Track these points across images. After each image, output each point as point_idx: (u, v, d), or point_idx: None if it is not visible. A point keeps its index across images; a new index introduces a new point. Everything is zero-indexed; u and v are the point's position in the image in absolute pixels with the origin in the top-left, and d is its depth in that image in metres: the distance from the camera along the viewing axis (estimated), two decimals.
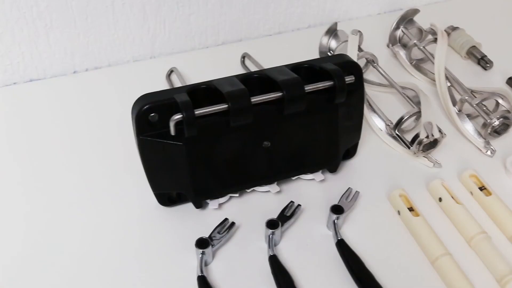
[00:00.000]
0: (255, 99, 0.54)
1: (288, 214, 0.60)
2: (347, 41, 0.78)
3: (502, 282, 0.53)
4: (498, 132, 0.69)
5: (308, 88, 0.56)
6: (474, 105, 0.70)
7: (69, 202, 0.63)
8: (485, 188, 0.63)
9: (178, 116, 0.52)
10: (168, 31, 0.85)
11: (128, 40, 0.83)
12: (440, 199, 0.62)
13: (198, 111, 0.53)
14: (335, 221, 0.58)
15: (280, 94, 0.55)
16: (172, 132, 0.53)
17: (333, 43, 0.81)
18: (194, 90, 0.57)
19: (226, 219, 0.59)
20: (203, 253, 0.55)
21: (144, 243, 0.59)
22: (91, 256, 0.57)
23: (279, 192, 0.63)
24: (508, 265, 0.54)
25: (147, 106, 0.53)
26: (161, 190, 0.60)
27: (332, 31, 0.81)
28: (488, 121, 0.68)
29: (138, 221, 0.61)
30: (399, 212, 0.61)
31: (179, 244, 0.58)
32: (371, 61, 0.78)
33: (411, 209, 0.60)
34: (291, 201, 0.61)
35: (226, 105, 0.53)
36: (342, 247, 0.56)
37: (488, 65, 0.83)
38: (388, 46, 0.87)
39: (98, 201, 0.63)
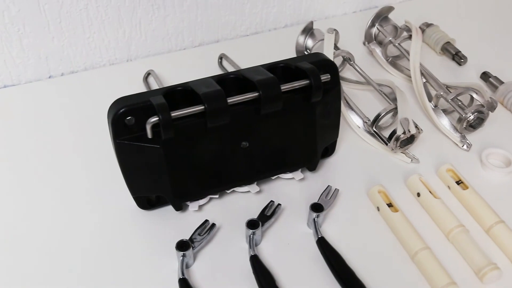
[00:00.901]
0: (231, 100, 0.54)
1: (268, 214, 0.60)
2: (323, 39, 0.79)
3: (480, 274, 0.54)
4: (473, 126, 0.70)
5: (284, 87, 0.56)
6: (449, 100, 0.71)
7: (47, 207, 0.62)
8: (462, 182, 0.64)
9: (154, 119, 0.52)
10: (144, 34, 0.84)
11: (104, 43, 0.82)
12: (418, 194, 0.63)
13: (174, 113, 0.52)
14: (315, 219, 0.58)
15: (257, 94, 0.55)
16: (149, 135, 0.53)
17: (309, 42, 0.82)
18: (171, 92, 0.56)
19: (206, 221, 0.59)
20: (184, 256, 0.54)
21: (124, 247, 0.58)
22: (69, 261, 0.57)
23: (259, 192, 0.63)
24: (485, 257, 0.55)
25: (123, 109, 0.53)
26: (140, 194, 0.60)
27: (308, 30, 0.82)
28: (463, 115, 0.69)
29: (117, 225, 0.60)
30: (378, 208, 0.62)
31: (159, 247, 0.58)
32: (348, 59, 0.78)
33: (390, 205, 0.61)
34: (271, 201, 0.61)
35: (203, 107, 0.53)
36: (323, 244, 0.57)
37: (462, 60, 0.84)
38: (364, 43, 0.88)
39: (76, 206, 0.62)
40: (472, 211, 0.61)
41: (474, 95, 0.71)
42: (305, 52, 0.82)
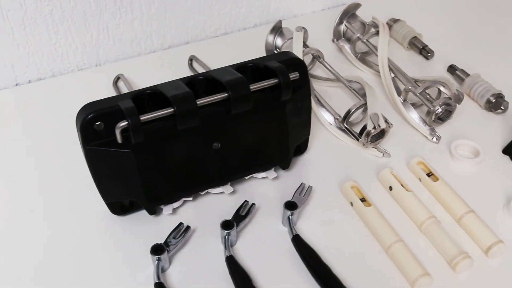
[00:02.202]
0: (201, 101, 0.54)
1: (243, 214, 0.60)
2: (292, 38, 0.79)
3: (453, 264, 0.55)
4: (441, 118, 0.71)
5: (253, 87, 0.56)
6: (418, 94, 0.72)
7: (18, 214, 0.61)
8: (432, 174, 0.65)
9: (123, 123, 0.51)
10: (112, 38, 0.84)
11: (71, 48, 0.81)
12: (390, 188, 0.64)
13: (143, 117, 0.52)
14: (290, 217, 0.59)
15: (226, 94, 0.55)
16: (119, 139, 0.52)
17: (278, 41, 0.82)
18: (140, 96, 0.56)
19: (181, 224, 0.58)
20: (159, 260, 0.54)
21: (98, 254, 0.57)
22: (41, 270, 0.56)
23: (233, 192, 0.63)
24: (457, 247, 0.56)
25: (91, 115, 0.52)
26: (112, 199, 0.59)
27: (277, 29, 0.82)
28: (432, 108, 0.70)
29: (90, 232, 0.60)
30: (351, 204, 0.62)
31: (134, 252, 0.57)
32: (317, 57, 0.79)
33: (363, 200, 0.61)
34: (245, 201, 0.61)
35: (172, 109, 0.53)
36: (298, 242, 0.57)
37: (429, 54, 0.86)
38: (333, 41, 0.88)
39: (47, 214, 0.62)
40: (443, 202, 0.62)
41: (442, 88, 0.72)
42: (275, 51, 0.83)
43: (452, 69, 0.82)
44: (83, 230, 0.60)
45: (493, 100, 0.74)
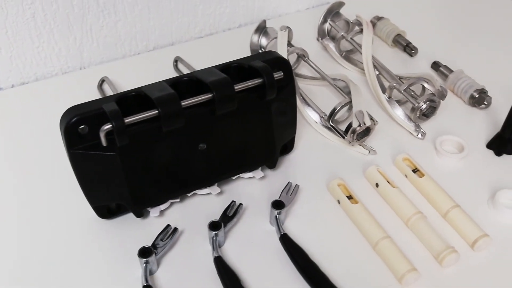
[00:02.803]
0: (185, 102, 0.54)
1: (230, 214, 0.60)
2: (277, 37, 0.79)
3: (439, 258, 0.56)
4: (426, 115, 0.72)
5: (238, 87, 0.56)
6: (402, 91, 0.72)
7: (5, 220, 0.61)
8: (418, 170, 0.65)
9: (107, 126, 0.51)
10: (96, 40, 0.83)
11: (55, 52, 0.81)
12: (377, 185, 0.64)
13: (128, 119, 0.52)
14: (277, 216, 0.59)
15: (210, 95, 0.55)
16: (103, 142, 0.52)
17: (263, 41, 0.82)
18: (124, 98, 0.55)
19: (168, 225, 0.58)
20: (146, 262, 0.54)
21: (86, 258, 0.57)
22: (29, 275, 0.55)
23: (220, 193, 0.63)
24: (443, 241, 0.57)
25: (75, 118, 0.52)
26: (99, 203, 0.59)
27: (261, 29, 0.82)
28: (416, 105, 0.71)
29: (77, 236, 0.59)
30: (339, 201, 0.62)
31: (122, 256, 0.57)
32: (302, 56, 0.79)
33: (350, 197, 0.62)
34: (233, 201, 0.61)
35: (156, 111, 0.53)
36: (286, 241, 0.57)
37: (413, 51, 0.86)
38: (317, 39, 0.88)
39: (34, 219, 0.61)
40: (429, 198, 0.63)
41: (426, 85, 0.72)
42: (260, 51, 0.83)
43: (435, 65, 0.83)
44: (70, 235, 0.59)
45: (477, 96, 0.75)
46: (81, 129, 0.52)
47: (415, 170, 0.65)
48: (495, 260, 0.57)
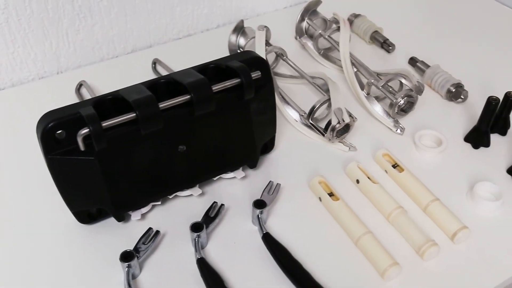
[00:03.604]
0: (163, 105, 0.54)
1: (212, 215, 0.60)
2: (255, 37, 0.79)
3: (420, 252, 0.56)
4: (404, 110, 0.73)
5: (216, 87, 0.56)
6: (380, 87, 0.73)
7: None
8: (398, 165, 0.66)
9: (85, 131, 0.51)
10: (73, 44, 0.82)
11: (30, 57, 0.80)
12: (357, 181, 0.64)
13: (105, 123, 0.52)
14: (259, 216, 0.59)
15: (188, 96, 0.55)
16: (81, 147, 0.52)
17: (241, 41, 0.82)
18: (101, 102, 0.55)
19: (150, 229, 0.58)
20: (129, 266, 0.54)
21: (67, 264, 0.57)
22: (8, 283, 0.55)
23: (202, 194, 0.63)
24: (424, 235, 0.57)
25: (51, 124, 0.51)
26: (79, 208, 0.58)
27: (239, 29, 0.82)
28: (394, 101, 0.71)
29: (57, 242, 0.59)
30: (320, 199, 0.63)
31: (104, 261, 0.57)
32: (280, 55, 0.79)
33: (331, 194, 0.62)
34: (214, 202, 0.61)
35: (134, 114, 0.52)
36: (268, 240, 0.57)
37: (390, 48, 0.87)
38: (296, 38, 0.89)
39: (13, 226, 0.60)
40: (409, 192, 0.64)
41: (403, 80, 0.73)
42: (238, 51, 0.83)
43: (413, 61, 0.84)
44: (50, 241, 0.59)
45: (453, 90, 0.76)
46: (58, 134, 0.52)
47: (395, 165, 0.66)
48: (474, 252, 0.58)
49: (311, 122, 0.70)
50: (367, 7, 0.96)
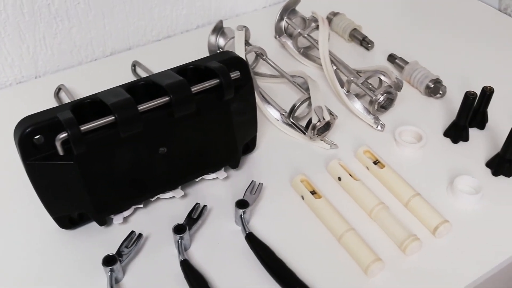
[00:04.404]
0: (142, 107, 0.53)
1: (195, 217, 0.60)
2: (234, 37, 0.79)
3: (403, 247, 0.57)
4: (384, 107, 0.73)
5: (195, 88, 0.56)
6: (360, 85, 0.73)
7: None
8: (379, 162, 0.66)
9: (63, 135, 0.50)
10: (50, 48, 0.81)
11: (7, 62, 0.79)
12: (339, 178, 0.65)
13: (84, 127, 0.51)
14: (242, 216, 0.59)
15: (167, 98, 0.54)
16: (60, 152, 0.51)
17: (221, 41, 0.82)
18: (80, 106, 0.55)
19: (132, 232, 0.58)
20: (111, 270, 0.53)
21: (49, 270, 0.56)
22: None
23: (184, 196, 0.63)
24: (406, 230, 0.58)
25: (29, 129, 0.51)
26: (59, 214, 0.58)
27: (218, 29, 0.82)
28: (374, 97, 0.72)
29: (39, 248, 0.58)
30: (302, 197, 0.63)
31: (86, 266, 0.56)
32: (260, 54, 0.79)
33: (313, 192, 0.62)
34: (197, 203, 0.61)
35: (113, 117, 0.52)
36: (252, 240, 0.57)
37: (369, 45, 0.88)
38: (275, 37, 0.89)
39: None
40: (390, 188, 0.64)
41: (382, 77, 0.74)
42: (218, 51, 0.83)
43: (391, 58, 0.84)
44: (31, 248, 0.58)
45: (432, 86, 0.77)
46: (36, 139, 0.51)
47: (376, 162, 0.66)
48: (455, 244, 0.59)
49: (292, 121, 0.70)
50: (345, 5, 0.96)
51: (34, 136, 0.51)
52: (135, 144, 0.56)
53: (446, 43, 0.90)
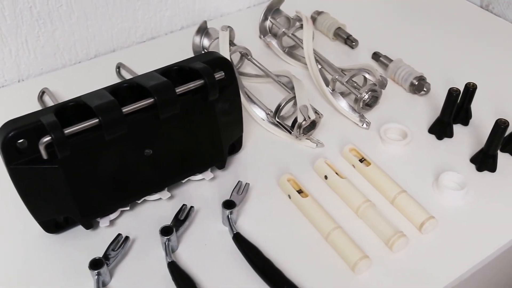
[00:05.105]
0: (126, 109, 0.53)
1: (182, 218, 0.59)
2: (218, 38, 0.79)
3: (389, 243, 0.57)
4: (369, 105, 0.73)
5: (179, 90, 0.56)
6: (344, 83, 0.74)
7: None
8: (365, 159, 0.67)
9: (46, 139, 0.50)
10: (33, 51, 0.81)
11: None
12: (326, 177, 0.65)
13: (68, 130, 0.51)
14: (229, 216, 0.59)
15: (152, 100, 0.54)
16: (44, 156, 0.51)
17: (205, 42, 0.82)
18: (63, 109, 0.54)
19: (119, 235, 0.57)
20: (98, 274, 0.53)
21: (35, 275, 0.55)
22: None
23: (171, 197, 0.63)
24: (392, 227, 0.58)
25: (12, 133, 0.50)
26: (45, 218, 0.57)
27: (203, 30, 0.82)
28: (359, 96, 0.72)
29: (25, 253, 0.57)
30: (289, 196, 0.63)
31: (73, 270, 0.56)
32: (245, 54, 0.79)
33: (300, 191, 0.62)
34: (184, 204, 0.61)
35: (97, 120, 0.52)
36: (239, 240, 0.57)
37: (354, 43, 0.88)
38: (260, 37, 0.89)
39: None
40: (376, 186, 0.64)
41: (367, 75, 0.74)
42: (203, 52, 0.82)
43: (376, 56, 0.85)
44: (16, 252, 0.58)
45: (416, 83, 0.77)
46: (20, 143, 0.51)
47: (362, 160, 0.67)
48: (441, 240, 0.59)
49: (277, 120, 0.70)
50: (329, 4, 0.97)
51: (17, 140, 0.51)
52: (120, 147, 0.56)
53: (430, 40, 0.91)
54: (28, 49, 0.80)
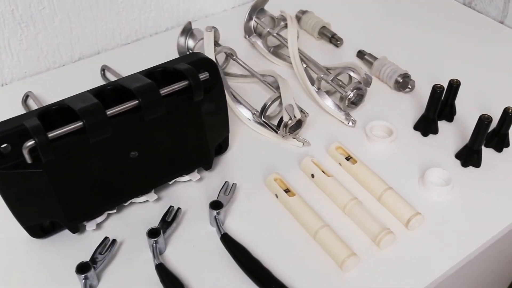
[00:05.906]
0: (111, 111, 0.53)
1: (169, 220, 0.59)
2: (203, 38, 0.79)
3: (377, 240, 0.57)
4: (355, 103, 0.74)
5: (164, 91, 0.56)
6: (330, 81, 0.74)
7: None
8: (351, 157, 0.67)
9: (30, 143, 0.49)
10: (16, 54, 0.80)
11: None
12: (312, 176, 0.65)
13: (51, 134, 0.50)
14: (216, 217, 0.59)
15: (136, 102, 0.54)
16: (28, 160, 0.50)
17: (190, 43, 0.81)
18: (47, 113, 0.54)
19: (106, 238, 0.57)
20: (85, 278, 0.52)
21: (21, 281, 0.55)
22: None
23: (158, 199, 0.62)
24: (379, 224, 0.58)
25: None
26: (30, 223, 0.57)
27: (187, 31, 0.82)
28: (344, 94, 0.72)
29: (10, 259, 0.57)
30: (276, 196, 0.63)
31: (60, 274, 0.55)
32: (230, 55, 0.79)
33: (287, 191, 0.62)
34: (171, 206, 0.60)
35: (81, 122, 0.51)
36: (227, 240, 0.57)
37: (338, 42, 0.88)
38: (245, 37, 0.89)
39: None
40: (363, 183, 0.65)
41: (351, 74, 0.74)
42: (188, 53, 0.82)
43: (361, 54, 0.85)
44: (2, 258, 0.57)
45: (401, 80, 0.78)
46: (3, 148, 0.50)
47: (348, 158, 0.67)
48: (428, 236, 0.59)
49: (263, 120, 0.70)
50: (314, 3, 0.97)
51: (0, 144, 0.50)
52: (105, 149, 0.55)
53: (414, 38, 0.92)
54: (11, 53, 0.79)
